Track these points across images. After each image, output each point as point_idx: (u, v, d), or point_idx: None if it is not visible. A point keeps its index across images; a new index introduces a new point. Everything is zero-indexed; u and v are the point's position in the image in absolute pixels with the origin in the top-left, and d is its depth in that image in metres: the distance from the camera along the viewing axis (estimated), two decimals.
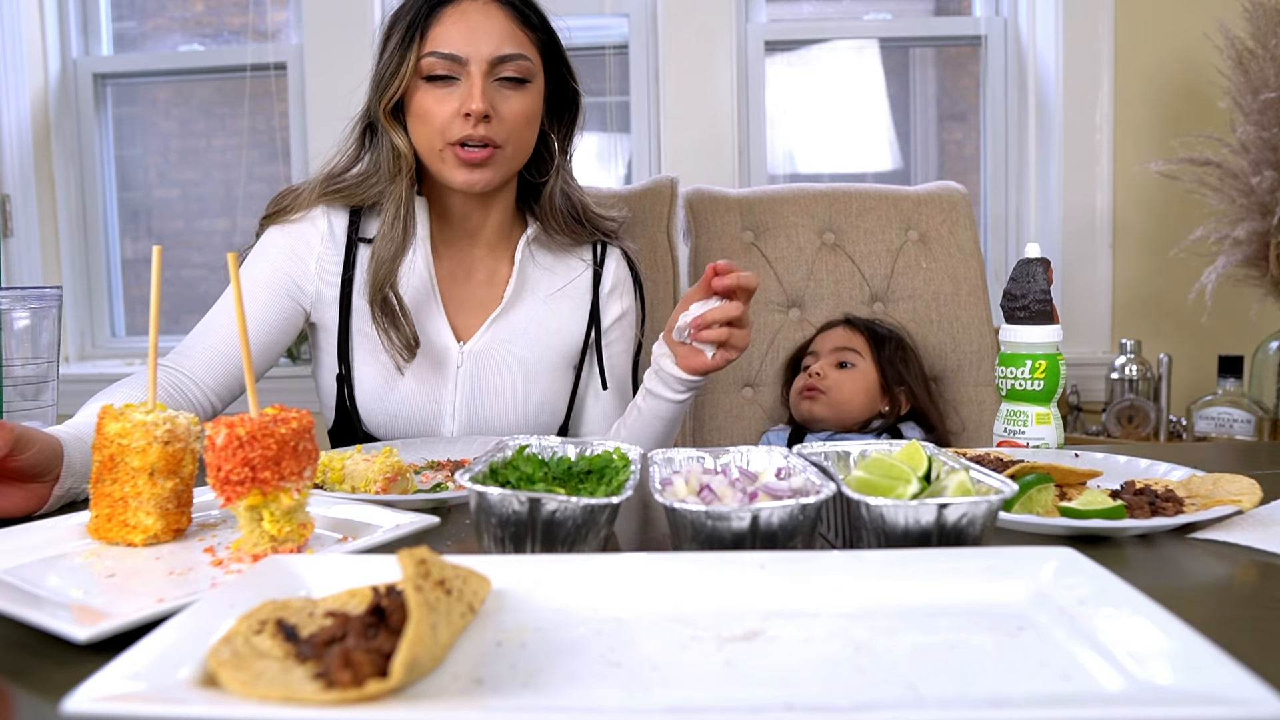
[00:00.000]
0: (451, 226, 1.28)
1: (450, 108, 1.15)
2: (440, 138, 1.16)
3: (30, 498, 0.83)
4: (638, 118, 2.49)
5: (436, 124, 1.16)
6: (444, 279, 1.27)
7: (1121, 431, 2.14)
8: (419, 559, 0.49)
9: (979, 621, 0.53)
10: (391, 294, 1.21)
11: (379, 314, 1.21)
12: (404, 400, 1.25)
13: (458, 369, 1.25)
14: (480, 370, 1.26)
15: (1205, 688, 0.42)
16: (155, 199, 2.72)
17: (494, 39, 1.16)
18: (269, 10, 2.59)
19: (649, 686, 0.46)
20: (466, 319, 1.27)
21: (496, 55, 1.15)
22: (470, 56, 1.15)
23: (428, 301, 1.25)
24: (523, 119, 1.19)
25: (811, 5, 2.62)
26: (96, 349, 2.66)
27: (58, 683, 0.49)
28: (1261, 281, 2.02)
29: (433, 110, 1.16)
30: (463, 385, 1.26)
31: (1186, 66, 2.30)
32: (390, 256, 1.21)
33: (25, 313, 1.01)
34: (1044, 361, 1.07)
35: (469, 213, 1.27)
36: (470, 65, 1.15)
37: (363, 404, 1.26)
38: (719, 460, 0.82)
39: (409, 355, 1.22)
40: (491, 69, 1.15)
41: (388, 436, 1.27)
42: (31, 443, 0.81)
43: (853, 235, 1.83)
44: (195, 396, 1.17)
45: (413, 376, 1.24)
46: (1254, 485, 0.79)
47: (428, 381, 1.25)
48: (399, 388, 1.24)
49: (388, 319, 1.21)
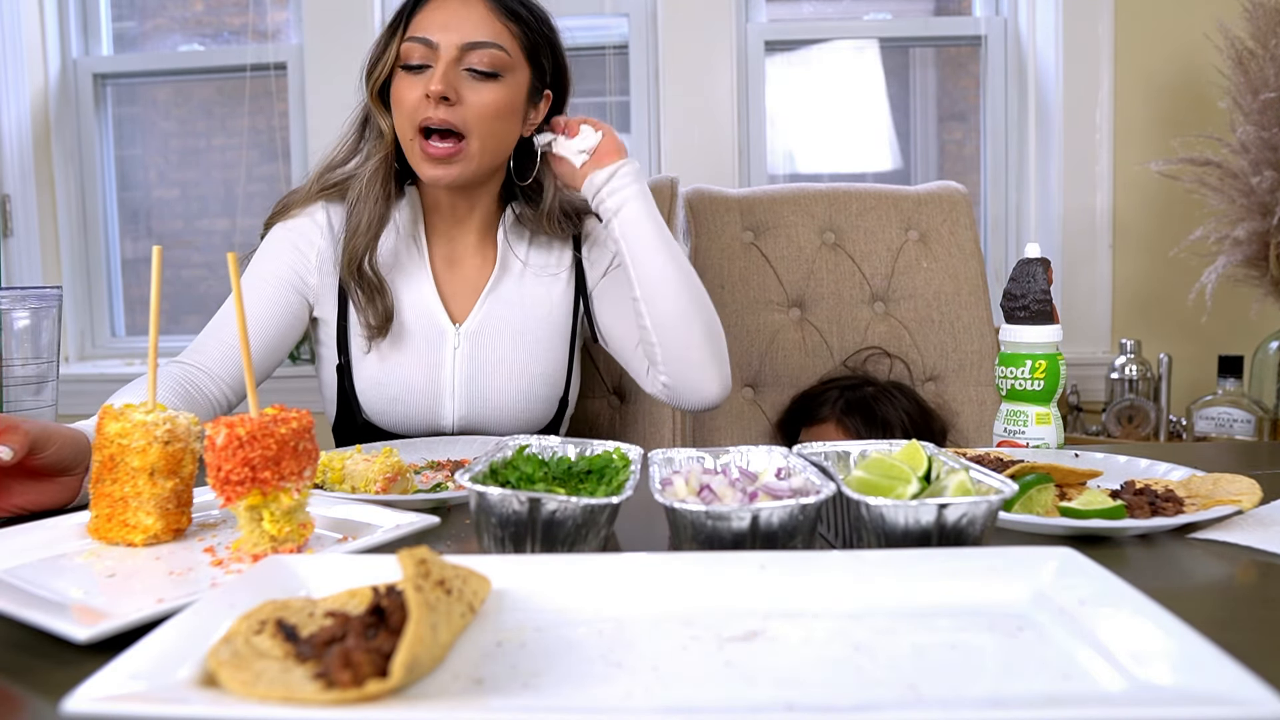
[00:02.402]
0: (441, 216, 1.30)
1: (418, 92, 1.17)
2: (409, 124, 1.18)
3: (62, 491, 0.85)
4: (638, 118, 2.49)
5: (406, 108, 1.18)
6: (438, 265, 1.30)
7: (1121, 431, 2.14)
8: (419, 559, 0.49)
9: (979, 621, 0.53)
10: (369, 268, 1.23)
11: (356, 289, 1.23)
12: (404, 384, 1.26)
13: (455, 350, 1.27)
14: (477, 349, 1.27)
15: (1205, 688, 0.42)
16: (155, 199, 2.72)
17: (467, 26, 1.17)
18: (269, 10, 2.59)
19: (649, 686, 0.46)
20: (461, 302, 1.30)
21: (466, 41, 1.16)
22: (441, 42, 1.16)
23: (422, 285, 1.27)
24: (491, 110, 1.18)
25: (811, 5, 2.62)
26: (96, 349, 2.66)
27: (58, 683, 0.49)
28: (1261, 281, 2.02)
29: (405, 95, 1.18)
30: (461, 365, 1.27)
31: (1186, 66, 2.30)
32: (364, 227, 1.23)
33: (25, 313, 1.01)
34: (1044, 361, 1.07)
35: (455, 204, 1.28)
36: (440, 50, 1.16)
37: (362, 391, 1.27)
38: (719, 460, 0.82)
39: (383, 329, 1.24)
40: (461, 55, 1.16)
41: (389, 424, 1.28)
42: (51, 440, 0.82)
43: (853, 235, 1.83)
44: (211, 392, 1.18)
45: (410, 359, 1.26)
46: (1254, 485, 0.79)
47: (425, 363, 1.26)
48: (398, 373, 1.26)
49: (364, 294, 1.23)
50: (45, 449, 0.81)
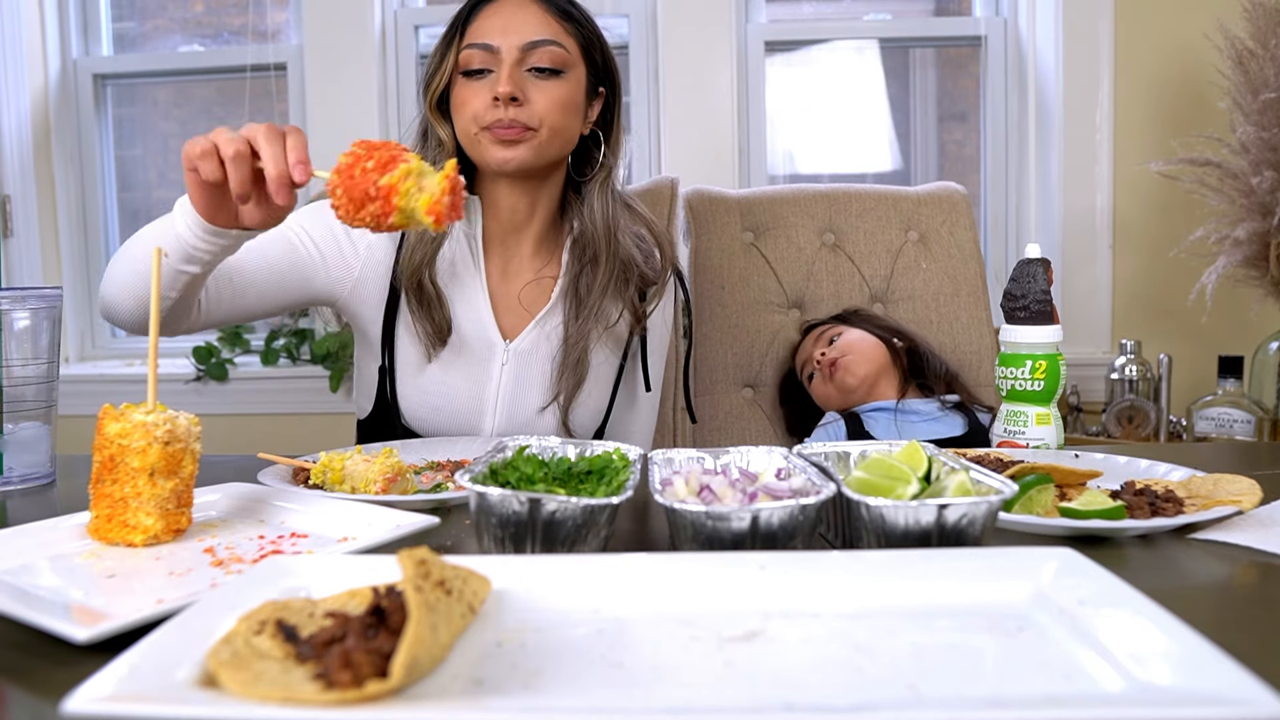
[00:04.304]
0: (500, 223, 1.28)
1: (484, 96, 1.18)
2: (475, 124, 1.19)
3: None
4: (638, 118, 2.49)
5: (470, 112, 1.19)
6: (493, 277, 1.29)
7: (1121, 432, 2.14)
8: (419, 559, 0.49)
9: (979, 621, 0.53)
10: (429, 281, 1.23)
11: (413, 299, 1.23)
12: (448, 394, 1.26)
13: (502, 366, 1.27)
14: (523, 369, 1.27)
15: (1205, 688, 0.42)
16: (155, 199, 2.72)
17: (526, 27, 1.19)
18: (269, 10, 2.59)
19: (649, 686, 0.46)
20: (513, 318, 1.29)
21: (527, 41, 1.18)
22: (502, 45, 1.18)
23: (476, 298, 1.27)
24: (557, 106, 1.19)
25: (811, 6, 2.62)
26: (96, 349, 2.66)
27: (58, 683, 0.49)
28: (1261, 281, 2.02)
29: (469, 100, 1.19)
30: (506, 382, 1.27)
31: (1186, 66, 2.30)
32: (426, 241, 1.23)
33: (25, 313, 1.01)
34: (1044, 362, 1.07)
35: (516, 204, 1.27)
36: (502, 53, 1.18)
37: (404, 395, 1.27)
38: (719, 460, 0.82)
39: (440, 343, 1.24)
40: (523, 56, 1.18)
41: (428, 430, 1.28)
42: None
43: (853, 236, 1.83)
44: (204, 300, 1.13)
45: (457, 370, 1.26)
46: (1254, 485, 0.79)
47: (472, 376, 1.26)
48: (444, 381, 1.26)
49: (421, 307, 1.23)
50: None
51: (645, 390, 1.37)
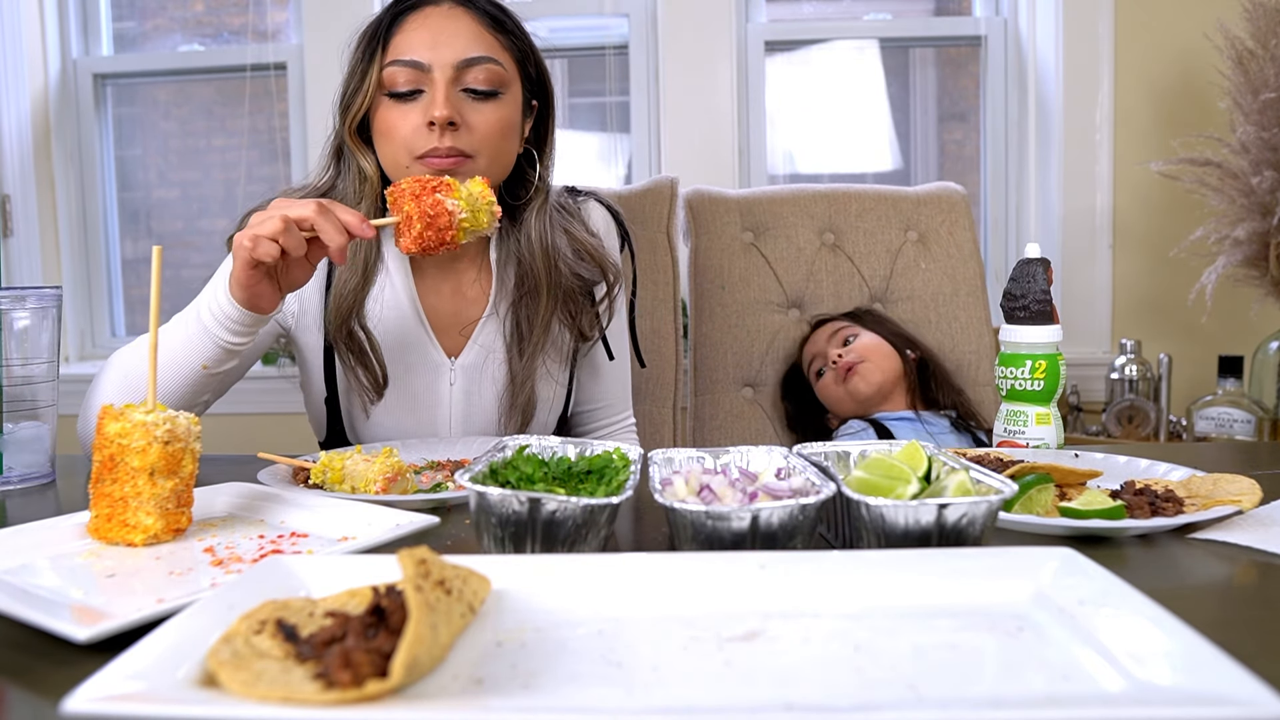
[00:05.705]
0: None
1: (414, 121, 1.08)
2: (406, 153, 1.09)
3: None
4: (638, 118, 2.49)
5: (400, 139, 1.09)
6: (427, 298, 1.22)
7: (1121, 432, 2.14)
8: (419, 559, 0.49)
9: (979, 621, 0.53)
10: (359, 329, 1.15)
11: (344, 351, 1.16)
12: (398, 421, 1.21)
13: (451, 386, 1.22)
14: (472, 382, 1.23)
15: (1205, 688, 0.42)
16: (155, 199, 2.72)
17: (460, 42, 1.08)
18: (269, 10, 2.59)
19: (649, 687, 0.46)
20: (454, 336, 1.23)
21: (462, 59, 1.08)
22: (433, 62, 1.07)
23: (414, 326, 1.20)
24: (496, 130, 1.10)
25: (811, 5, 2.62)
26: (96, 349, 2.66)
27: (58, 683, 0.49)
28: (1261, 281, 2.02)
29: (397, 125, 1.09)
30: (457, 399, 1.23)
31: (1186, 66, 2.30)
32: (350, 290, 1.15)
33: (25, 313, 1.01)
34: (1044, 361, 1.07)
35: None
36: (434, 72, 1.08)
37: (353, 427, 1.23)
38: (719, 460, 0.82)
39: (376, 396, 1.17)
40: (458, 75, 1.08)
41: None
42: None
43: (852, 236, 1.83)
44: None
45: (405, 397, 1.21)
46: (1254, 485, 0.79)
47: (421, 401, 1.22)
48: (392, 410, 1.21)
49: (354, 356, 1.16)
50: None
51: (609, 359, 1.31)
